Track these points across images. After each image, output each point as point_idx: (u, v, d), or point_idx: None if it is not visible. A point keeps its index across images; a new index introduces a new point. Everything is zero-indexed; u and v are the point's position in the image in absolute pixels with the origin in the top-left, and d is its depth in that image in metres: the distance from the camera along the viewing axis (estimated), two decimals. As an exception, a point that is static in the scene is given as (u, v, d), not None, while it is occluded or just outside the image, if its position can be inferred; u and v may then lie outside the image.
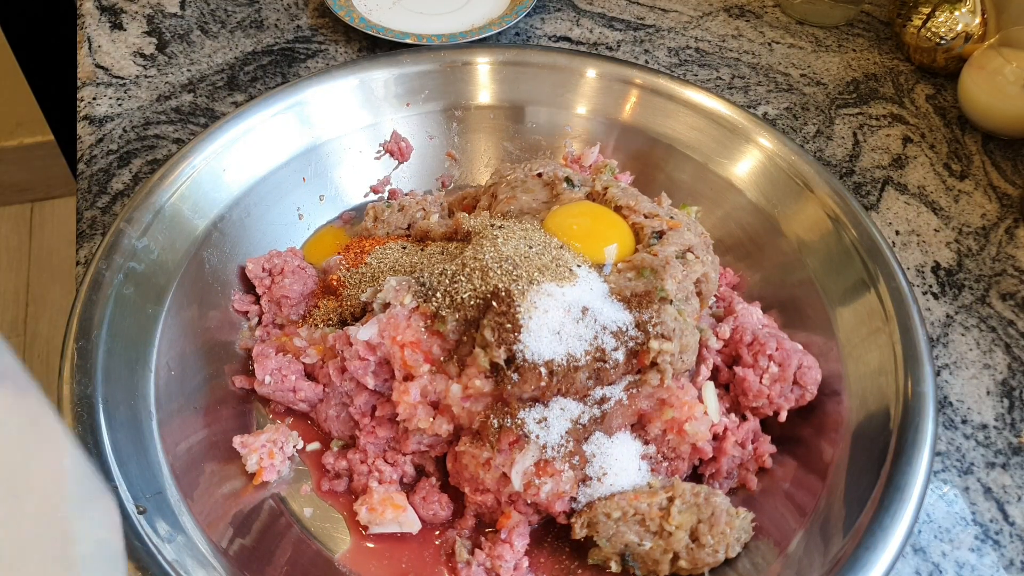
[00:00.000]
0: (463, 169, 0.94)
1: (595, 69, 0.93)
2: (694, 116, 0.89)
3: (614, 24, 1.17)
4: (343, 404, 0.71)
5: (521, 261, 0.66)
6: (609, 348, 0.67)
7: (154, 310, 0.70)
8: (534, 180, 0.80)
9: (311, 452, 0.72)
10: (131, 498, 0.59)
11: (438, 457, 0.70)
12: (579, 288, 0.66)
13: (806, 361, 0.71)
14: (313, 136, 0.87)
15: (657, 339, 0.68)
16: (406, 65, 0.91)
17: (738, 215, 0.86)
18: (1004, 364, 0.82)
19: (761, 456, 0.70)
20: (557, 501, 0.63)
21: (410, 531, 0.66)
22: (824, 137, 1.04)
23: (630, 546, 0.62)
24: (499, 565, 0.63)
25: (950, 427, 0.78)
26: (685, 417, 0.65)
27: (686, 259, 0.72)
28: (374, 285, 0.74)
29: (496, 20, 1.09)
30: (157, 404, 0.67)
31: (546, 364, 0.62)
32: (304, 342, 0.73)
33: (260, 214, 0.83)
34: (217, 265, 0.78)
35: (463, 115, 0.93)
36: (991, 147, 1.04)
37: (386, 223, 0.84)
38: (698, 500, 0.62)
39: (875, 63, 1.15)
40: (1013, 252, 0.92)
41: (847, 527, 0.61)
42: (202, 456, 0.67)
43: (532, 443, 0.62)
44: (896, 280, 0.74)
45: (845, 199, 0.80)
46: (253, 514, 0.66)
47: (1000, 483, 0.74)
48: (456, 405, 0.64)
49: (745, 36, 1.17)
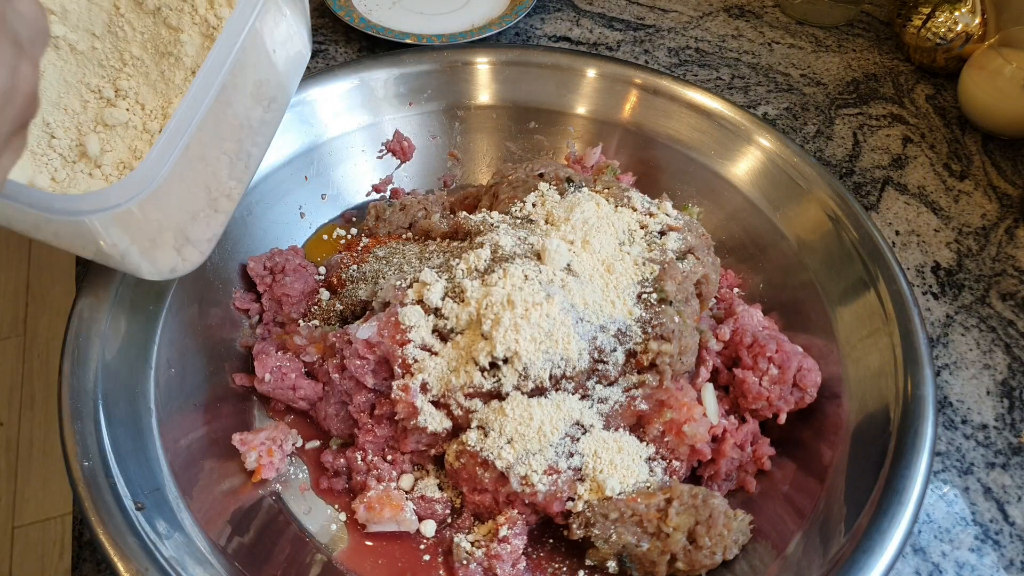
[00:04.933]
0: (465, 169, 0.94)
1: (596, 69, 0.93)
2: (695, 116, 0.89)
3: (614, 24, 1.17)
4: (342, 402, 0.71)
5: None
6: (608, 349, 0.67)
7: (155, 307, 0.71)
8: (535, 180, 0.80)
9: (310, 450, 0.72)
10: (129, 495, 0.59)
11: (437, 456, 0.70)
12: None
13: (806, 363, 0.71)
14: (315, 135, 0.87)
15: (656, 340, 0.68)
16: (408, 65, 0.91)
17: (739, 216, 0.86)
18: (1004, 364, 0.82)
19: (760, 458, 0.70)
20: (555, 501, 0.63)
21: (408, 530, 0.66)
22: (824, 137, 1.04)
23: (628, 547, 0.62)
24: (496, 565, 0.63)
25: (950, 427, 0.78)
26: (684, 419, 0.65)
27: (686, 260, 0.72)
28: (375, 284, 0.74)
29: (496, 20, 1.09)
30: (157, 401, 0.67)
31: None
32: (304, 340, 0.73)
33: (262, 212, 0.83)
34: (218, 263, 0.78)
35: (465, 115, 0.93)
36: (991, 147, 1.04)
37: (388, 222, 0.84)
38: (696, 502, 0.62)
39: (875, 63, 1.15)
40: (1013, 252, 0.92)
41: (846, 529, 0.61)
42: (201, 453, 0.67)
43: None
44: (896, 281, 0.74)
45: (845, 199, 0.80)
46: (252, 512, 0.66)
47: (1000, 483, 0.74)
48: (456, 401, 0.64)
49: (745, 36, 1.17)
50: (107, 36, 0.63)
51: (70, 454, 0.60)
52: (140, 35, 0.63)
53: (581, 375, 0.66)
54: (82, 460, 0.59)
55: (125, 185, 0.54)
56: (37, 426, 1.86)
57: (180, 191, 0.60)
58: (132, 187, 0.54)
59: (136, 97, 0.64)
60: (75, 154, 0.63)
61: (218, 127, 0.62)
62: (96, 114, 0.63)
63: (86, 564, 0.64)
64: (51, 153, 0.62)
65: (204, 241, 0.66)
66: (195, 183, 0.62)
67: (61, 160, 0.62)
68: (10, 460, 1.80)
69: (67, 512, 1.71)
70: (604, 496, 0.63)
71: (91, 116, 0.63)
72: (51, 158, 0.62)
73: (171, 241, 0.62)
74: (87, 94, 0.64)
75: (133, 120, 0.63)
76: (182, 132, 0.56)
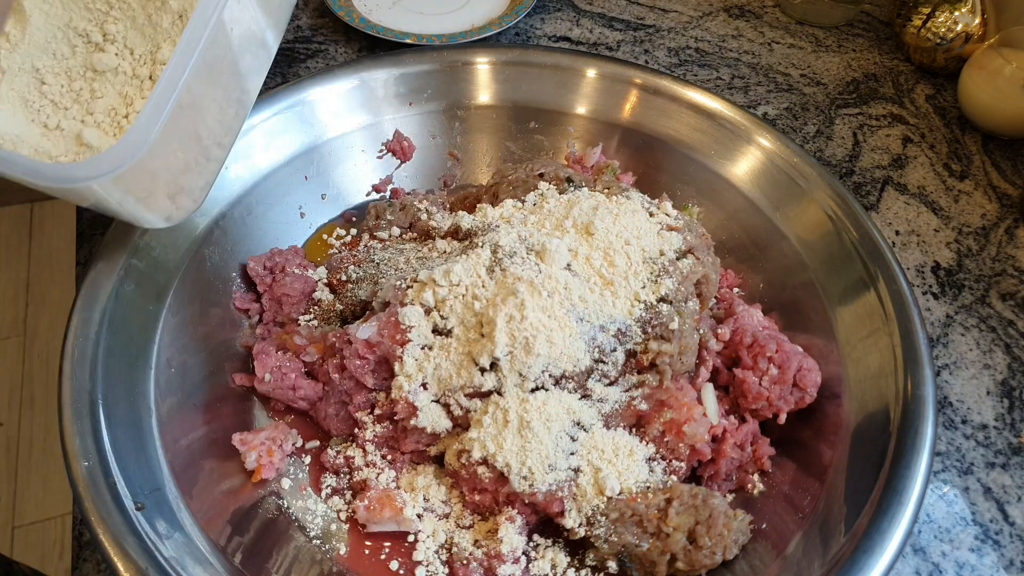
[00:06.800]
0: (465, 169, 0.94)
1: (596, 69, 0.93)
2: (695, 116, 0.89)
3: (614, 24, 1.17)
4: (342, 402, 0.71)
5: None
6: (608, 349, 0.67)
7: (155, 307, 0.71)
8: (535, 180, 0.80)
9: (310, 450, 0.72)
10: (129, 495, 0.59)
11: (437, 456, 0.70)
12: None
13: (806, 363, 0.71)
14: (315, 135, 0.87)
15: (656, 340, 0.68)
16: (408, 65, 0.91)
17: (740, 216, 0.86)
18: (1004, 364, 0.82)
19: (760, 458, 0.70)
20: (555, 501, 0.63)
21: (407, 530, 0.66)
22: (824, 137, 1.04)
23: (628, 547, 0.62)
24: (496, 565, 0.63)
25: (950, 427, 0.78)
26: (684, 419, 0.65)
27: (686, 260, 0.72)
28: (375, 284, 0.74)
29: (496, 20, 1.09)
30: (157, 401, 0.67)
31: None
32: (304, 340, 0.73)
33: (262, 212, 0.83)
34: (218, 263, 0.78)
35: (465, 115, 0.93)
36: (991, 147, 1.04)
37: (388, 222, 0.84)
38: (696, 502, 0.62)
39: (875, 63, 1.15)
40: (1013, 252, 0.92)
41: (846, 529, 0.61)
42: (201, 453, 0.67)
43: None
44: (896, 281, 0.74)
45: (845, 199, 0.80)
46: (252, 512, 0.66)
47: (1000, 483, 0.74)
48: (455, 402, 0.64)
49: (745, 36, 1.17)
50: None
51: (70, 454, 0.60)
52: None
53: (581, 375, 0.66)
54: (82, 460, 0.59)
55: (120, 149, 0.55)
56: (37, 426, 1.86)
57: (173, 144, 0.60)
58: (127, 150, 0.55)
59: (124, 42, 0.63)
60: (67, 99, 0.62)
61: (209, 76, 0.62)
62: (85, 59, 0.63)
63: (86, 564, 0.64)
64: (42, 100, 0.62)
65: (197, 190, 0.66)
66: (187, 134, 0.62)
67: (52, 106, 0.62)
68: (10, 460, 1.80)
69: (67, 512, 1.71)
70: (604, 496, 0.63)
71: (80, 61, 0.63)
72: (42, 104, 0.62)
73: (164, 190, 0.63)
74: (75, 38, 0.63)
75: (123, 66, 0.63)
76: (173, 87, 0.56)
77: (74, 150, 0.61)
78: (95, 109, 0.62)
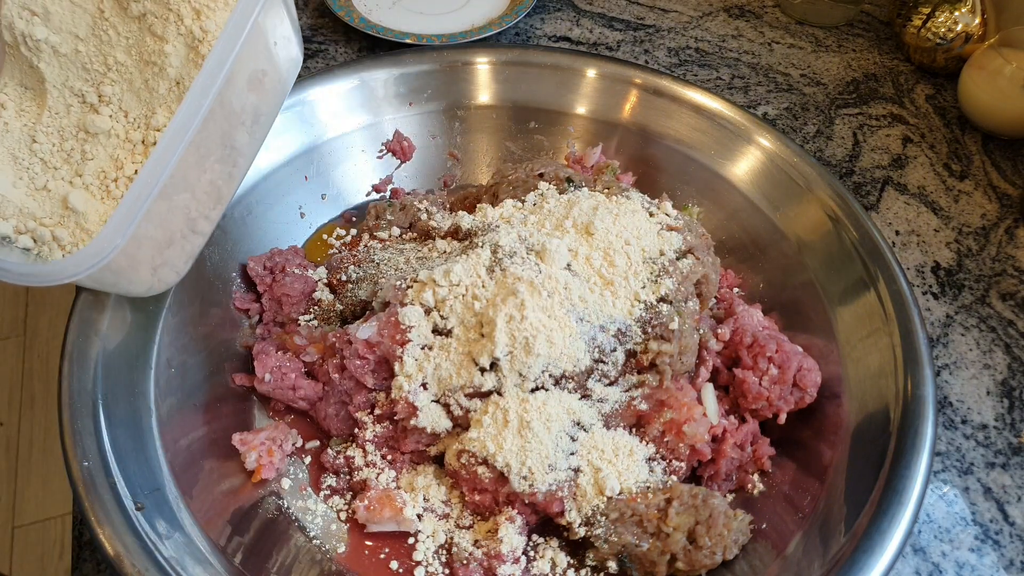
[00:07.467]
0: (465, 169, 0.94)
1: (596, 69, 0.93)
2: (695, 117, 0.89)
3: (614, 24, 1.17)
4: (342, 402, 0.71)
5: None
6: (608, 349, 0.67)
7: (155, 307, 0.71)
8: (536, 180, 0.80)
9: (310, 450, 0.72)
10: (129, 495, 0.59)
11: (436, 456, 0.70)
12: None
13: (806, 363, 0.71)
14: (315, 135, 0.87)
15: (656, 340, 0.68)
16: (408, 65, 0.91)
17: (740, 216, 0.86)
18: (1004, 364, 0.82)
19: (760, 458, 0.70)
20: (555, 501, 0.63)
21: (407, 530, 0.66)
22: (824, 137, 1.04)
23: (628, 547, 0.62)
24: (496, 565, 0.63)
25: (950, 427, 0.78)
26: (684, 419, 0.65)
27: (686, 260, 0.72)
28: (375, 284, 0.74)
29: (496, 20, 1.09)
30: (157, 401, 0.67)
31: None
32: (304, 340, 0.73)
33: (262, 212, 0.83)
34: (218, 263, 0.78)
35: (465, 115, 0.93)
36: (991, 147, 1.04)
37: (388, 222, 0.84)
38: (696, 502, 0.62)
39: (875, 63, 1.15)
40: (1013, 252, 0.92)
41: (846, 529, 0.61)
42: (201, 453, 0.67)
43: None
44: (896, 281, 0.74)
45: (845, 199, 0.80)
46: (252, 512, 0.66)
47: (1000, 483, 0.74)
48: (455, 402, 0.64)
49: (745, 36, 1.17)
50: (91, 39, 0.62)
51: (70, 454, 0.60)
52: (125, 40, 0.62)
53: (581, 375, 0.66)
54: (82, 460, 0.59)
55: (92, 250, 0.55)
56: (37, 426, 1.86)
57: (156, 228, 0.60)
58: (99, 252, 0.55)
59: (119, 104, 0.62)
60: (57, 159, 0.62)
61: (198, 156, 0.61)
62: (79, 120, 0.62)
63: (86, 564, 0.64)
64: (32, 158, 0.61)
65: (181, 263, 0.66)
66: (174, 213, 0.62)
67: (42, 165, 0.61)
68: (10, 460, 1.80)
69: (67, 512, 1.71)
70: (604, 496, 0.63)
71: (74, 121, 0.62)
72: (31, 162, 0.61)
73: (147, 265, 0.62)
74: (70, 98, 0.62)
75: (116, 128, 0.62)
76: (156, 177, 0.56)
77: (59, 213, 0.60)
78: (84, 171, 0.61)
